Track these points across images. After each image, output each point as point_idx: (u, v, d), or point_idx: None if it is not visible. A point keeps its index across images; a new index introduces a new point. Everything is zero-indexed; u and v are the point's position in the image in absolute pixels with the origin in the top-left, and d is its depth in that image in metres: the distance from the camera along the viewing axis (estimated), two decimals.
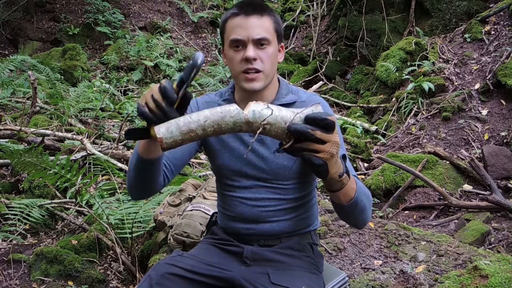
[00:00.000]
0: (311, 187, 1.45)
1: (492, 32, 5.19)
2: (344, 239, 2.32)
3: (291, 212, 1.41)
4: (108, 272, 2.77)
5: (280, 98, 1.38)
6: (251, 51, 1.27)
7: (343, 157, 1.14)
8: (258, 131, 0.98)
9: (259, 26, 1.29)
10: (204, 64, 9.27)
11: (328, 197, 1.89)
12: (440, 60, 5.31)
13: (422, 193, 3.55)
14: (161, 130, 0.99)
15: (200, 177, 3.61)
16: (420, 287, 1.87)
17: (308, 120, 0.99)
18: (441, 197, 3.42)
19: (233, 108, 1.00)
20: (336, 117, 5.41)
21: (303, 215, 1.44)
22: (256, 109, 0.99)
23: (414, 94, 4.92)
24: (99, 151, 3.87)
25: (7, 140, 3.95)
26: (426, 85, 4.72)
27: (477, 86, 4.63)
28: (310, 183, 1.44)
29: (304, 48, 8.63)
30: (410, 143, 4.40)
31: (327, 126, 0.99)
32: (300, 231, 1.44)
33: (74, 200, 3.33)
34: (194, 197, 2.41)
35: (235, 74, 1.33)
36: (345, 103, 6.26)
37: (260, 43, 1.29)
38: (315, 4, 9.08)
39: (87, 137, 4.12)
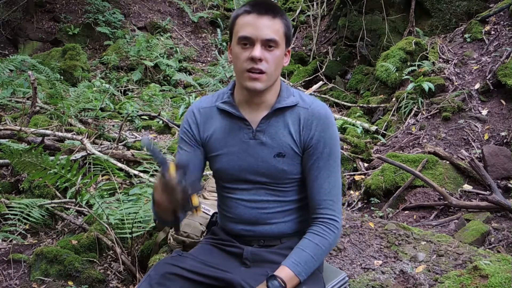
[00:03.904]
0: None
1: (492, 32, 5.19)
2: (344, 239, 2.32)
3: (290, 214, 1.42)
4: (108, 272, 2.77)
5: (282, 101, 1.37)
6: (258, 51, 1.27)
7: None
8: None
9: (270, 27, 1.28)
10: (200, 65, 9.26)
11: None
12: (440, 60, 5.31)
13: (422, 193, 3.55)
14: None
15: None
16: (420, 287, 1.87)
17: None
18: (441, 197, 3.42)
19: None
20: (336, 117, 5.42)
21: (302, 216, 1.43)
22: None
23: (414, 94, 4.92)
24: (99, 151, 3.87)
25: (7, 140, 3.95)
26: (426, 85, 4.72)
27: (477, 86, 4.63)
28: None
29: (304, 48, 8.63)
30: (410, 143, 4.40)
31: None
32: (300, 232, 1.44)
33: (74, 200, 3.33)
34: None
35: (239, 71, 1.32)
36: (345, 103, 6.25)
37: (268, 44, 1.28)
38: (315, 4, 9.08)
39: (87, 137, 4.12)
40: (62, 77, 7.08)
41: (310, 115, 1.36)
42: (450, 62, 5.18)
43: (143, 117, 6.06)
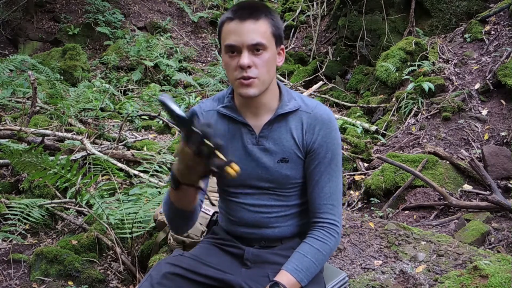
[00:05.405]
0: None
1: (492, 32, 5.19)
2: (344, 239, 2.32)
3: (292, 218, 1.41)
4: (108, 272, 2.77)
5: (284, 106, 1.35)
6: (245, 58, 1.23)
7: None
8: None
9: (254, 31, 1.24)
10: (203, 64, 9.26)
11: None
12: (440, 60, 5.31)
13: (422, 193, 3.55)
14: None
15: None
16: (420, 287, 1.87)
17: None
18: (441, 197, 3.42)
19: None
20: (336, 117, 5.42)
21: (304, 219, 1.43)
22: None
23: (414, 94, 4.92)
24: (99, 151, 3.87)
25: (7, 140, 3.95)
26: (426, 85, 4.72)
27: (477, 86, 4.63)
28: None
29: (304, 48, 8.64)
30: (410, 143, 4.40)
31: None
32: (301, 234, 1.44)
33: (74, 200, 3.33)
34: None
35: (231, 80, 1.30)
36: (345, 103, 6.26)
37: (255, 48, 1.24)
38: (315, 4, 9.08)
39: (87, 137, 4.12)
40: (62, 77, 7.08)
41: (313, 119, 1.35)
42: (450, 62, 5.18)
43: (143, 117, 6.06)
